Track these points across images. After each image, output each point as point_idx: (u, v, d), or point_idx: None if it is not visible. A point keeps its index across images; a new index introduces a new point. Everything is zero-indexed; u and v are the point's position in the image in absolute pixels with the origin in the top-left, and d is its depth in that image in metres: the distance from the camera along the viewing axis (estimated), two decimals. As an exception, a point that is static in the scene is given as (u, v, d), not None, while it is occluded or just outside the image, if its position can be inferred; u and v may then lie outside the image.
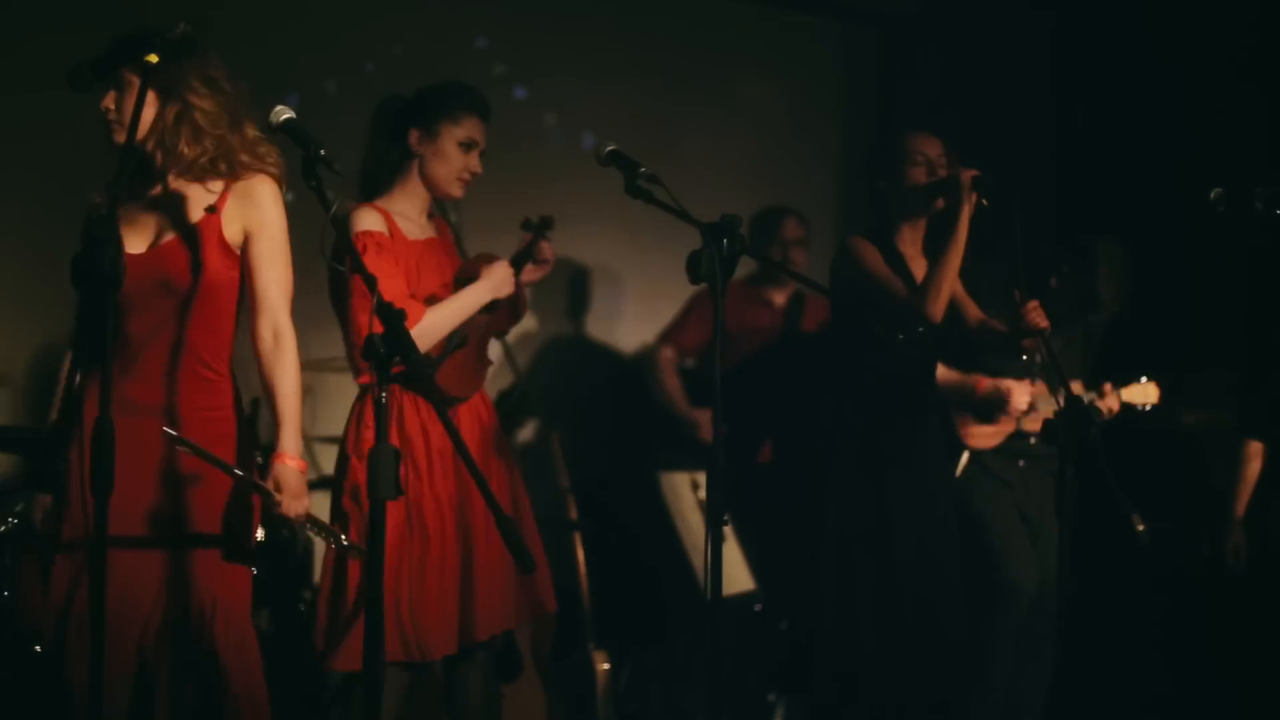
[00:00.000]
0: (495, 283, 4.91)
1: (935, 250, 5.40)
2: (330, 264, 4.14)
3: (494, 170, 5.09)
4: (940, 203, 5.50)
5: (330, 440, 4.26)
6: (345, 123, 5.24)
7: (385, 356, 3.62)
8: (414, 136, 4.94)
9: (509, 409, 6.59)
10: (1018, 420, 6.10)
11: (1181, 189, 5.72)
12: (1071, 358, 6.17)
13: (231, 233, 4.13)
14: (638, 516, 7.09)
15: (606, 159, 4.62)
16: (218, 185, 4.13)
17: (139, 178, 4.08)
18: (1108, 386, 6.08)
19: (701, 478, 6.93)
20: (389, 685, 4.71)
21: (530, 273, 5.04)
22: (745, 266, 6.48)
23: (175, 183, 4.12)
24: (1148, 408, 6.06)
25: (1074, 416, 4.81)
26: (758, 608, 6.93)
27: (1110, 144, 7.45)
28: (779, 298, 7.37)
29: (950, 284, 5.34)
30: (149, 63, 3.84)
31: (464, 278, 4.93)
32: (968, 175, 5.31)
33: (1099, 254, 6.19)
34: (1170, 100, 7.21)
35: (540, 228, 5.05)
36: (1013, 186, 5.25)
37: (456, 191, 4.98)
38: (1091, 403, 5.93)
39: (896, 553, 5.49)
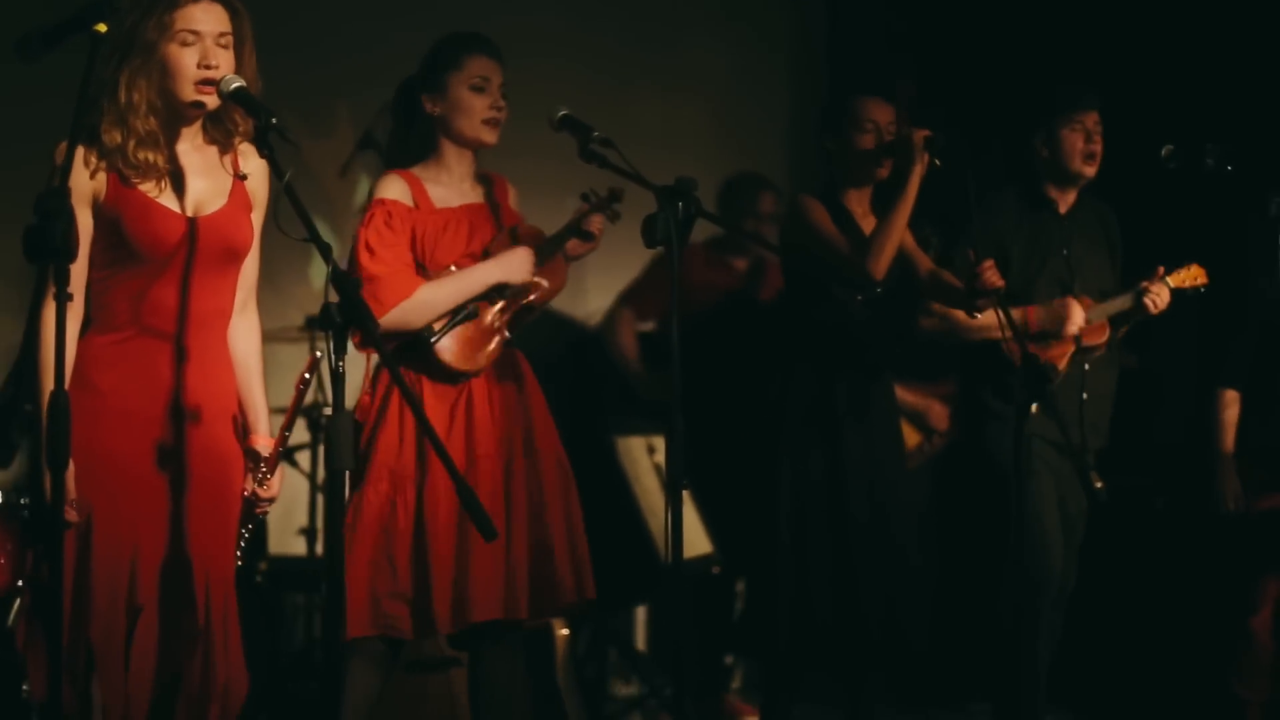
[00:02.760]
0: (506, 267, 4.76)
1: (883, 210, 5.41)
2: (283, 232, 4.11)
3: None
4: (884, 171, 5.53)
5: (279, 410, 4.25)
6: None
7: (341, 326, 3.60)
8: (427, 103, 4.83)
9: None
10: (1076, 339, 5.83)
11: (1140, 148, 5.73)
12: (1100, 266, 6.04)
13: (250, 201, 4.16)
14: (594, 481, 7.07)
15: (559, 124, 4.62)
16: (229, 148, 4.12)
17: (161, 138, 4.01)
18: (1161, 270, 5.80)
19: (657, 441, 6.93)
20: (365, 661, 4.71)
21: (576, 247, 4.86)
22: (707, 229, 6.50)
23: (199, 145, 4.09)
24: (1201, 289, 5.82)
25: (1031, 374, 4.83)
26: (716, 570, 6.94)
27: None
28: (740, 263, 7.32)
29: (895, 243, 5.35)
30: (98, 32, 3.80)
31: (490, 252, 4.81)
32: (920, 135, 5.32)
33: None
34: (1121, 60, 7.22)
35: (603, 203, 4.81)
36: (965, 147, 5.26)
37: (488, 136, 4.81)
38: (1143, 292, 5.74)
39: (850, 509, 5.51)
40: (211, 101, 3.96)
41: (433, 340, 4.68)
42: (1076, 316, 5.75)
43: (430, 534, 4.65)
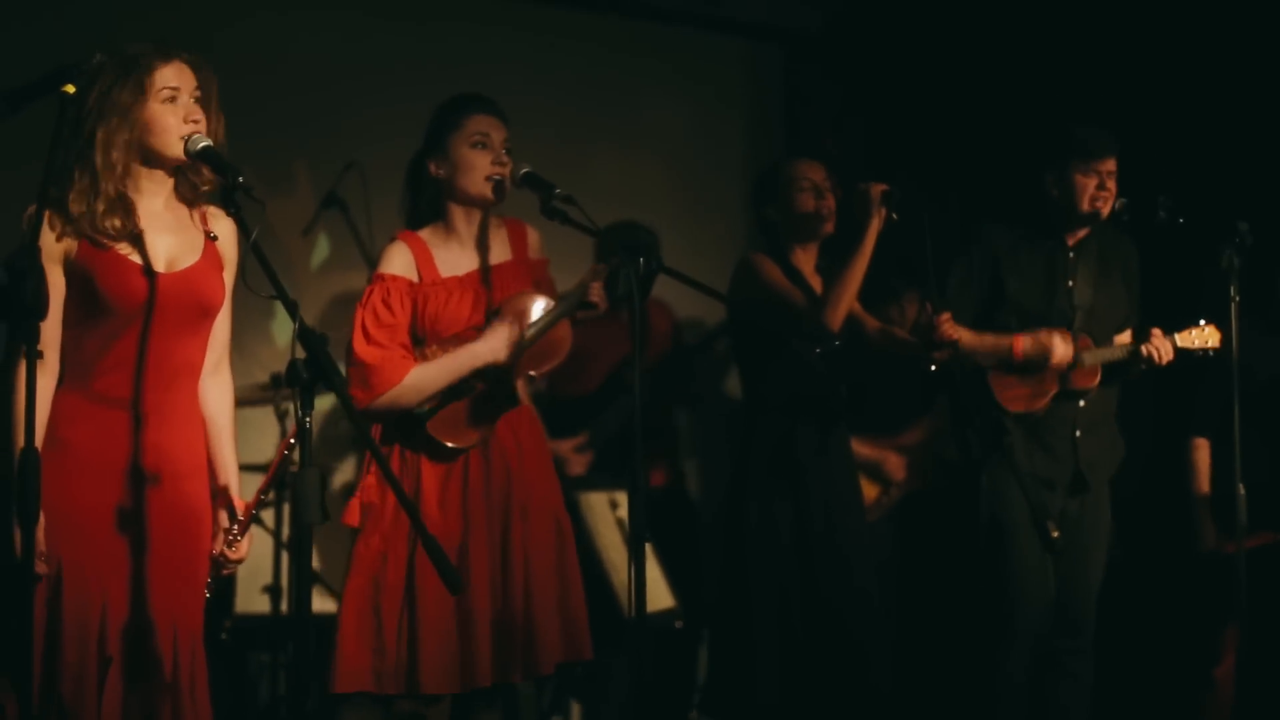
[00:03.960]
0: (491, 347, 4.75)
1: (839, 262, 5.47)
2: (251, 290, 4.13)
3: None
4: (829, 228, 5.60)
5: (247, 468, 4.28)
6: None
7: (308, 382, 3.62)
8: (432, 166, 4.85)
9: None
10: (1062, 377, 5.80)
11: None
12: (1113, 300, 5.99)
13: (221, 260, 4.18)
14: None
15: (522, 181, 4.67)
16: (199, 209, 4.15)
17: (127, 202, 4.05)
18: (1156, 331, 5.76)
19: (619, 496, 6.94)
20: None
21: (585, 313, 4.82)
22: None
23: (171, 204, 4.13)
24: (1210, 352, 5.78)
25: (989, 427, 4.88)
26: (678, 625, 6.95)
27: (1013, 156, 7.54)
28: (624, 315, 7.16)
29: (851, 294, 5.40)
30: (66, 94, 3.83)
31: (489, 319, 4.80)
32: (877, 190, 5.37)
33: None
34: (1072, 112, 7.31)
35: (612, 273, 4.74)
36: (923, 201, 5.31)
37: (488, 193, 4.79)
38: (1137, 350, 5.74)
39: (814, 557, 5.55)
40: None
41: (423, 417, 4.71)
42: (1059, 350, 5.73)
43: (419, 590, 4.66)
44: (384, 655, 4.65)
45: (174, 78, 4.02)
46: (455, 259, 4.85)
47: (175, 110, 4.01)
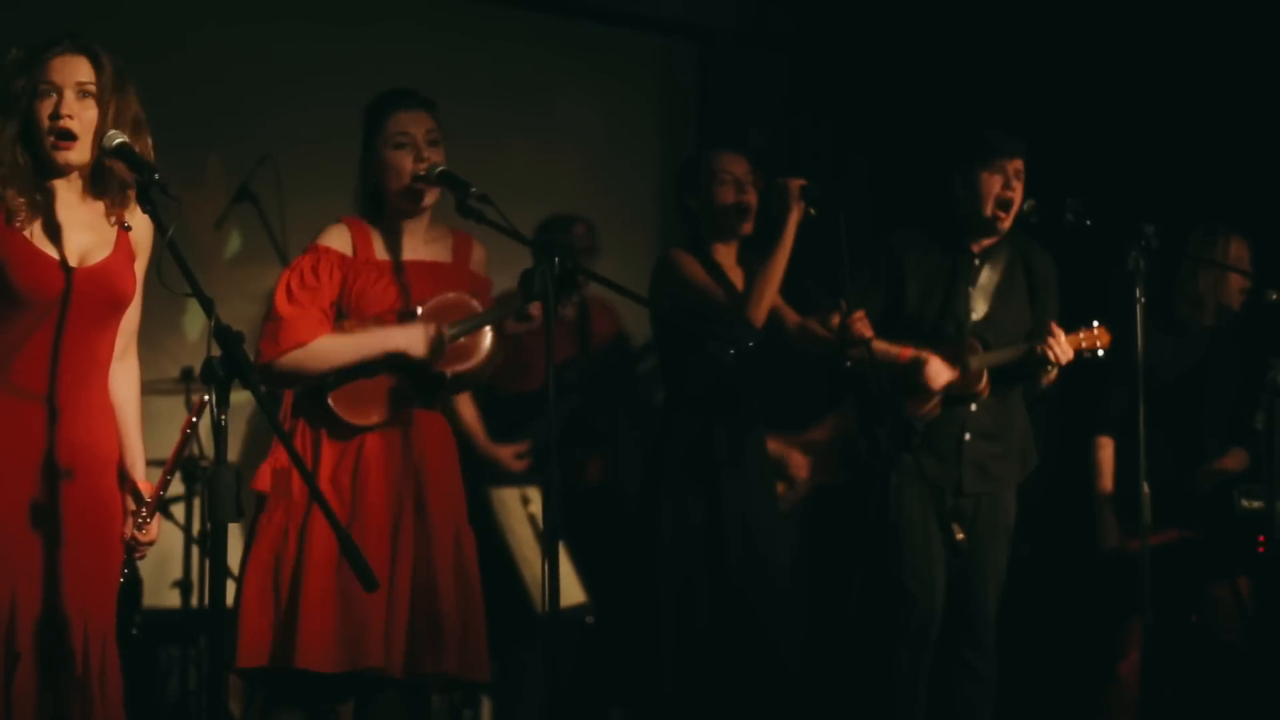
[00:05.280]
0: (408, 339, 4.71)
1: (760, 257, 5.50)
2: (166, 287, 4.12)
3: (329, 199, 5.02)
4: (748, 225, 5.63)
5: (156, 461, 4.27)
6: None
7: (224, 380, 3.62)
8: (367, 168, 4.82)
9: None
10: (939, 392, 5.77)
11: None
12: (1015, 308, 6.00)
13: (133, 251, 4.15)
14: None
15: (437, 179, 4.66)
16: (123, 203, 4.11)
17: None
18: (1055, 328, 5.73)
19: (531, 491, 6.96)
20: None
21: (514, 326, 4.81)
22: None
23: (85, 197, 4.09)
24: (1099, 353, 5.80)
25: (900, 426, 4.92)
26: (590, 620, 6.97)
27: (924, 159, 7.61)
28: (568, 311, 7.22)
29: (774, 289, 5.44)
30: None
31: (408, 314, 4.76)
32: (795, 184, 5.42)
33: None
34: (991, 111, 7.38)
35: (527, 274, 4.43)
36: (839, 196, 5.36)
37: (407, 199, 4.75)
38: (1031, 350, 5.73)
39: (728, 555, 5.59)
40: (68, 157, 3.96)
41: (326, 386, 4.69)
42: (935, 376, 5.70)
43: (306, 563, 4.64)
44: (283, 630, 4.62)
45: (56, 69, 3.95)
46: (394, 248, 4.83)
47: (47, 105, 3.94)
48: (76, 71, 3.98)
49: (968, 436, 5.85)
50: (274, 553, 4.68)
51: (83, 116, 3.96)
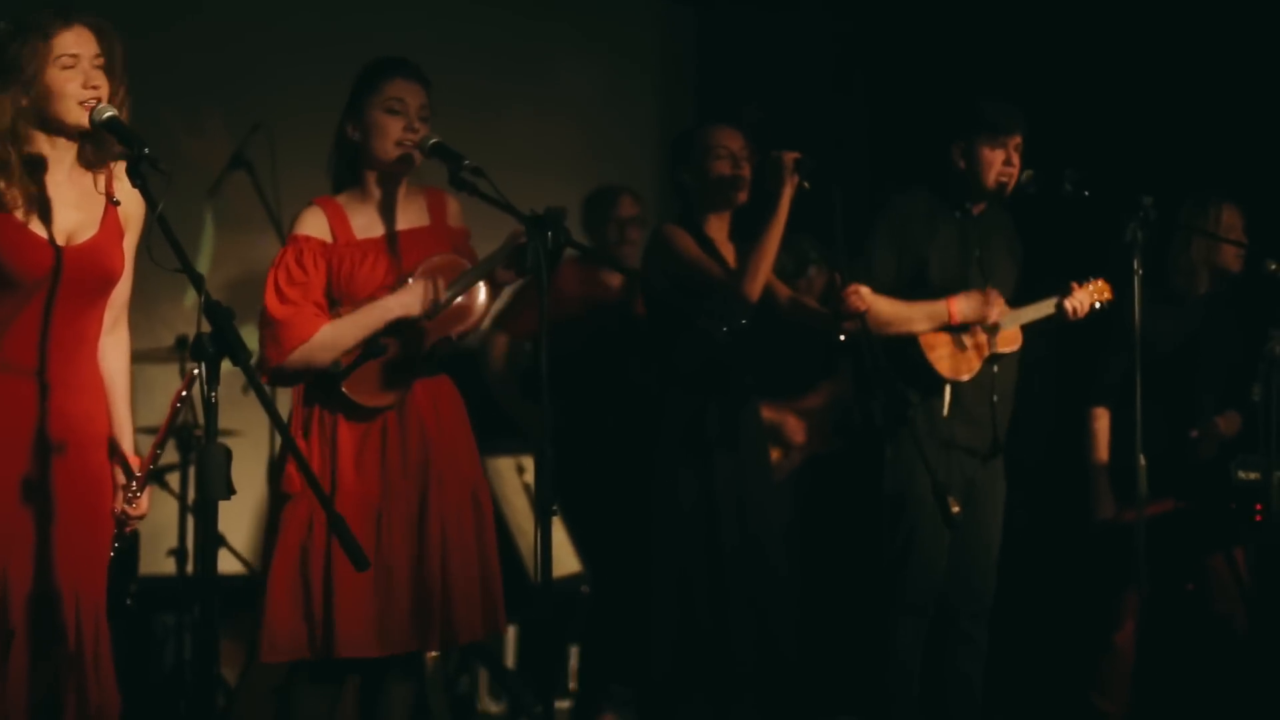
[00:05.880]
0: (404, 302, 4.70)
1: (754, 232, 5.48)
2: (156, 263, 4.10)
3: (324, 166, 5.01)
4: (743, 196, 5.61)
5: (147, 430, 4.26)
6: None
7: (214, 356, 3.61)
8: (349, 130, 4.80)
9: None
10: (990, 343, 5.83)
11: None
12: (1007, 271, 6.05)
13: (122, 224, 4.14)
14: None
15: (430, 152, 4.65)
16: (104, 173, 4.10)
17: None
18: (1075, 286, 5.84)
19: (526, 461, 6.96)
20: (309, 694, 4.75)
21: (504, 275, 4.77)
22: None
23: (74, 173, 4.08)
24: (1102, 306, 5.88)
25: (894, 398, 4.91)
26: (584, 590, 6.98)
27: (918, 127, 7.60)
28: (614, 278, 7.25)
29: (769, 264, 5.42)
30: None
31: (401, 282, 4.76)
32: (789, 157, 5.39)
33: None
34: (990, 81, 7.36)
35: (519, 247, 4.61)
36: (833, 169, 5.34)
37: (395, 160, 4.73)
38: (1061, 306, 5.80)
39: (722, 532, 5.58)
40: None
41: (338, 376, 4.67)
42: (996, 308, 5.76)
43: (336, 555, 4.60)
44: (313, 621, 4.63)
45: (73, 42, 3.97)
46: (371, 223, 4.80)
47: (74, 76, 3.96)
48: (91, 44, 4.00)
49: (996, 398, 5.87)
50: (300, 545, 4.67)
51: (102, 87, 3.98)
